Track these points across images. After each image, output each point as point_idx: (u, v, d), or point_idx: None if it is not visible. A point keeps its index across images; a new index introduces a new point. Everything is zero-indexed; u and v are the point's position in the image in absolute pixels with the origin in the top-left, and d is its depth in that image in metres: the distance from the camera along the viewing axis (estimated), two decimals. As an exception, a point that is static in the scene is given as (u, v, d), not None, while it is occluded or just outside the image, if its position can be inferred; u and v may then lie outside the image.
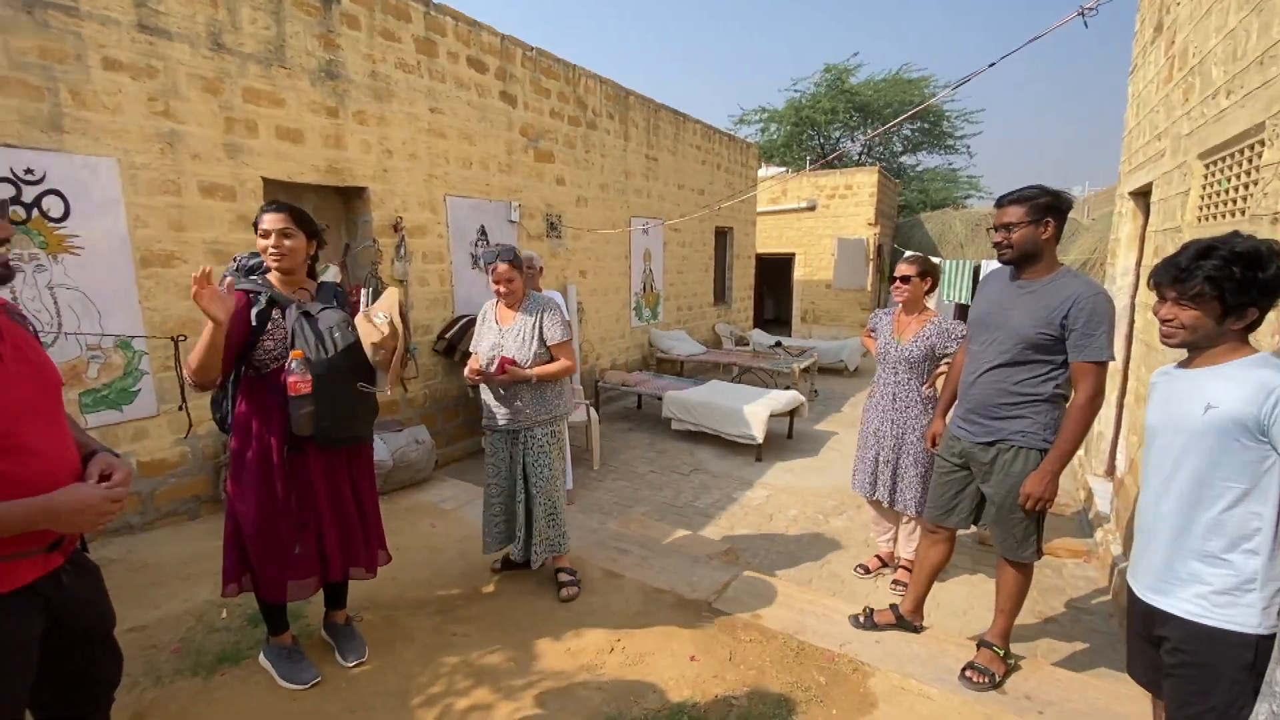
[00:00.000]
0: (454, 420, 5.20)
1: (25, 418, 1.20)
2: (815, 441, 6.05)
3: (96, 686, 1.47)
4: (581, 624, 2.62)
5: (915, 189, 19.19)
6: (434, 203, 4.84)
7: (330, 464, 2.19)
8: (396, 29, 4.45)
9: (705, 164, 8.83)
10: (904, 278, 3.03)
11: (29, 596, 1.22)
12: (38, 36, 2.92)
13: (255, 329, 2.03)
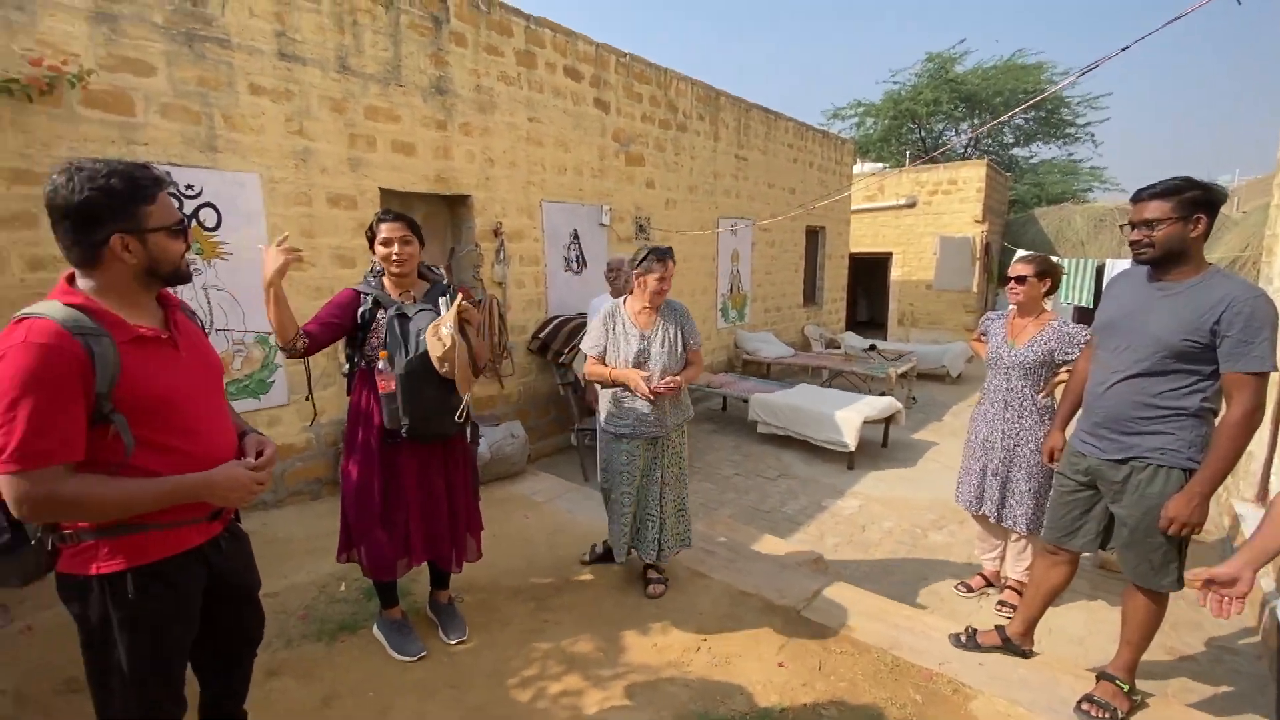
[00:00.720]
0: (546, 416, 5.39)
1: (195, 402, 1.38)
2: (913, 451, 5.76)
3: (244, 641, 1.66)
4: (668, 621, 2.65)
5: (1028, 182, 17.78)
6: (531, 208, 5.05)
7: (424, 457, 2.31)
8: (499, 44, 4.68)
9: (797, 162, 8.64)
10: (1019, 278, 2.83)
11: (195, 558, 1.41)
12: (197, 67, 3.33)
13: (362, 326, 2.22)
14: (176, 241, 1.36)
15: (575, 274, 5.46)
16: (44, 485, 1.16)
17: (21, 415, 1.13)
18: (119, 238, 1.26)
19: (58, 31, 2.88)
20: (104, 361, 1.20)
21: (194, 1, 3.26)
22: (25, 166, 2.86)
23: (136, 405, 1.26)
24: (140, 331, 1.30)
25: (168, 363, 1.35)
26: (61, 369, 1.16)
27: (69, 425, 1.18)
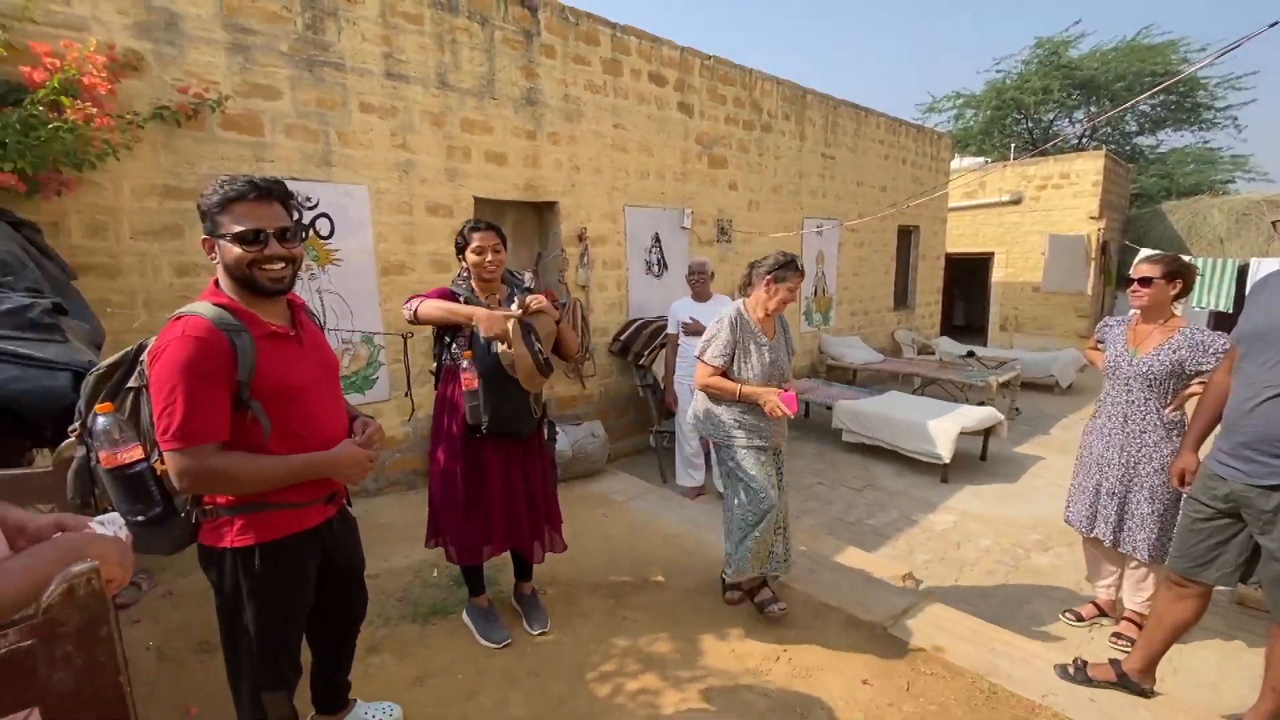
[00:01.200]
0: (625, 417, 5.46)
1: (316, 393, 1.54)
2: (1015, 465, 5.37)
3: (351, 618, 1.81)
4: (745, 629, 2.61)
5: (1155, 174, 16.09)
6: (614, 213, 5.14)
7: (505, 451, 2.41)
8: (586, 53, 4.80)
9: (888, 159, 8.28)
10: (1144, 279, 2.57)
11: (313, 537, 1.56)
12: (316, 90, 3.64)
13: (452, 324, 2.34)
14: (244, 249, 1.39)
15: (656, 277, 5.51)
16: (199, 460, 1.33)
17: (180, 399, 1.30)
18: (206, 240, 1.44)
19: (201, 62, 3.24)
20: (245, 354, 1.36)
21: (314, 30, 3.57)
22: (174, 184, 3.24)
23: (269, 394, 1.41)
24: (272, 328, 1.46)
25: (294, 357, 1.50)
26: (211, 360, 1.33)
27: (218, 409, 1.34)
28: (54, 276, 2.44)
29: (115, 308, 3.10)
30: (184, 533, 1.45)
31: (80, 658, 0.85)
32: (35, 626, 0.80)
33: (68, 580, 0.83)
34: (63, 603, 0.82)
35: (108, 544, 0.96)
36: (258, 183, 1.42)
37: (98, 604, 0.85)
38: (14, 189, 2.50)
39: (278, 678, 1.60)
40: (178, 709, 2.14)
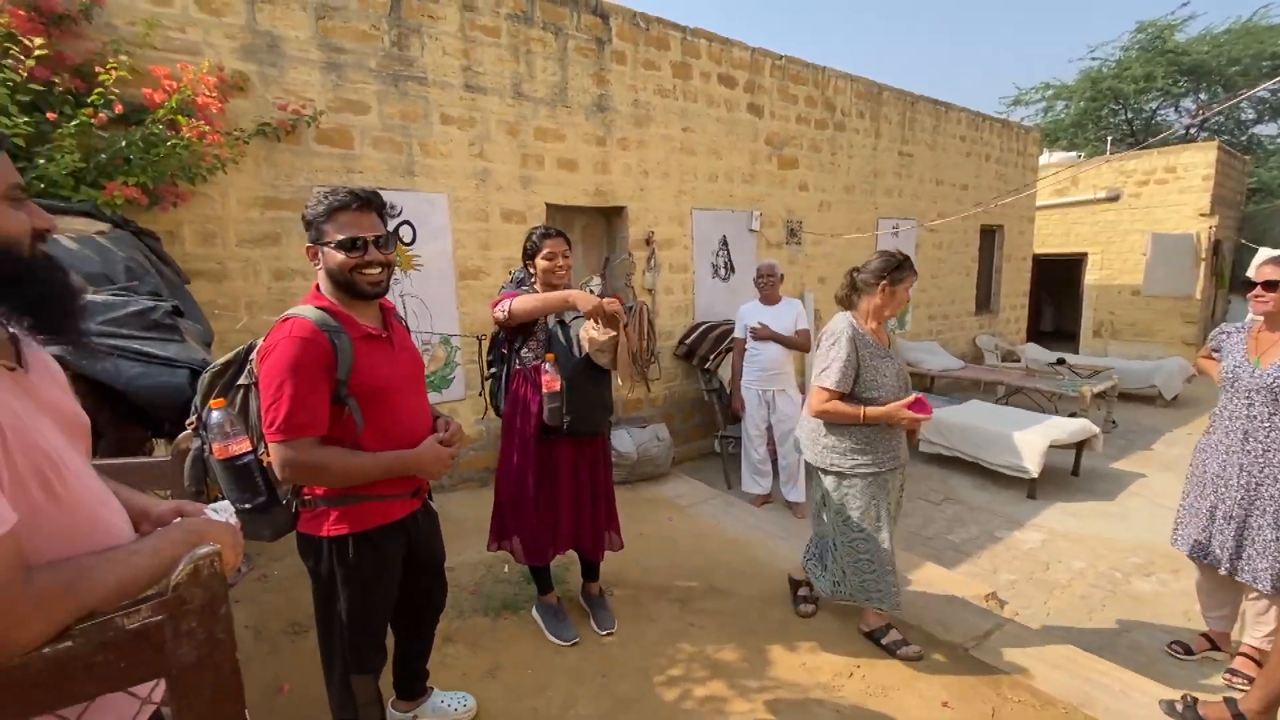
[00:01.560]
0: (690, 421, 5.44)
1: (405, 392, 1.63)
2: (1111, 482, 4.99)
3: (432, 608, 1.90)
4: (817, 642, 2.54)
5: (1275, 166, 14.59)
6: (681, 216, 5.14)
7: (576, 452, 2.48)
8: (656, 58, 4.83)
9: (970, 156, 7.89)
10: (1270, 283, 2.33)
11: (399, 529, 1.65)
12: (401, 103, 3.82)
13: (525, 328, 2.42)
14: (346, 255, 1.49)
15: (723, 280, 5.46)
16: (300, 453, 1.43)
17: (286, 395, 1.40)
18: (310, 247, 1.55)
19: (299, 81, 3.47)
20: (344, 354, 1.46)
21: (399, 46, 3.76)
22: (274, 195, 3.48)
23: (363, 392, 1.51)
24: (368, 330, 1.56)
25: (386, 357, 1.59)
26: (315, 359, 1.43)
27: (318, 405, 1.44)
28: (171, 281, 2.67)
29: (221, 310, 3.36)
30: (285, 521, 1.56)
31: (202, 633, 0.91)
32: (165, 603, 0.87)
33: (194, 561, 0.89)
34: (189, 582, 0.89)
35: (223, 529, 1.04)
36: (358, 193, 1.52)
37: (219, 584, 0.92)
38: (137, 201, 2.75)
39: (365, 661, 1.69)
40: (271, 686, 2.29)
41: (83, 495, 0.94)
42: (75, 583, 0.83)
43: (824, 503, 2.54)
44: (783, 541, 3.56)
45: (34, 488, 0.86)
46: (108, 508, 0.99)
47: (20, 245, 0.88)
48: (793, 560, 3.29)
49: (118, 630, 0.85)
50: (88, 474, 0.99)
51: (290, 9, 3.41)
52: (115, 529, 0.99)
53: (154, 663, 0.88)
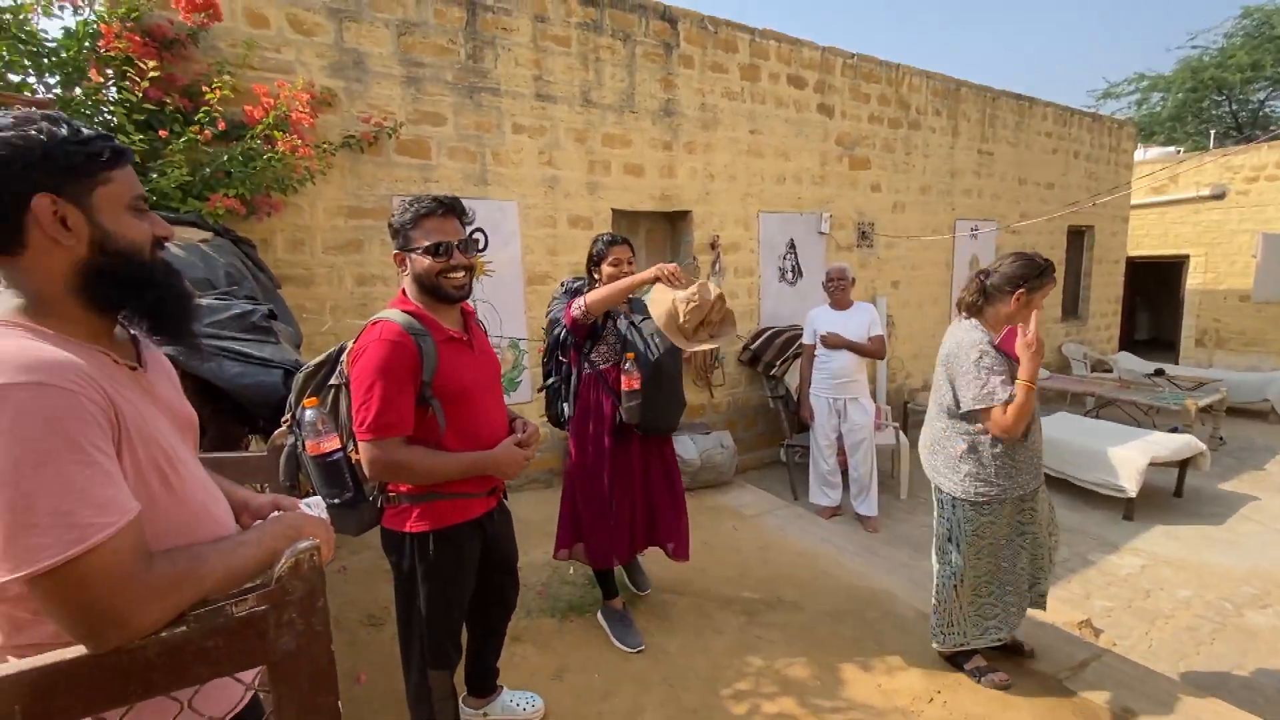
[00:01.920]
0: (753, 429, 5.34)
1: (484, 394, 1.67)
2: (1220, 505, 4.56)
3: (504, 606, 1.93)
4: (893, 662, 2.43)
5: None
6: (747, 219, 5.06)
7: (648, 451, 2.54)
8: (724, 61, 4.79)
9: (1057, 153, 7.43)
10: None
11: (475, 528, 1.69)
12: (475, 114, 3.94)
13: (593, 332, 2.45)
14: (433, 260, 1.56)
15: (790, 285, 5.34)
16: (387, 452, 1.49)
17: (376, 396, 1.46)
18: (397, 254, 1.60)
19: (382, 95, 3.63)
20: (429, 356, 1.51)
21: (474, 59, 3.88)
22: (357, 204, 3.65)
23: (446, 393, 1.55)
24: (450, 333, 1.60)
25: (467, 360, 1.64)
26: (402, 361, 1.48)
27: (405, 406, 1.49)
28: (265, 286, 2.83)
29: (309, 313, 3.54)
30: (371, 516, 1.62)
31: (301, 624, 0.95)
32: (269, 594, 0.91)
33: (295, 555, 0.93)
34: (291, 574, 0.93)
35: (318, 524, 1.08)
36: (442, 200, 1.58)
37: (317, 577, 0.95)
38: (236, 211, 2.94)
39: (442, 656, 1.73)
40: (349, 675, 2.38)
41: (193, 488, 1.00)
42: (191, 570, 0.88)
43: (956, 536, 2.25)
44: (853, 556, 3.43)
45: (153, 480, 0.92)
46: (214, 500, 1.05)
47: (143, 252, 0.94)
48: (864, 574, 3.17)
49: (227, 618, 0.88)
50: (197, 468, 1.05)
51: (375, 27, 3.57)
52: (221, 520, 1.04)
53: (258, 650, 0.92)
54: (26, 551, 0.75)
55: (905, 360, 6.29)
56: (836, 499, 4.17)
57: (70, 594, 0.78)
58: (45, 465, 0.76)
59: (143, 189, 0.95)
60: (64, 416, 0.78)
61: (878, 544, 3.74)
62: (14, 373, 0.76)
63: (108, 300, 0.91)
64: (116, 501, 0.81)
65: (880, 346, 3.91)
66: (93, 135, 0.90)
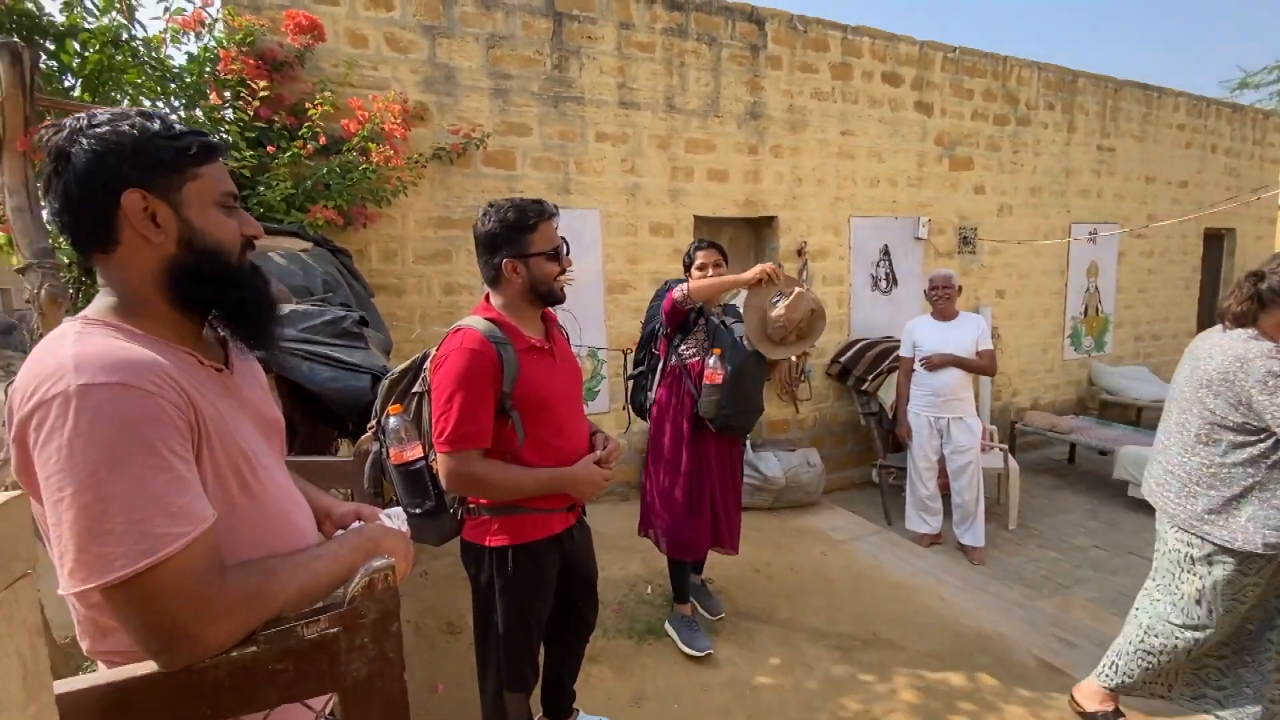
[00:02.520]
0: (842, 447, 5.04)
1: (565, 404, 1.59)
2: None
3: (583, 625, 1.84)
4: (1011, 716, 2.13)
5: None
6: (837, 225, 4.81)
7: (723, 449, 2.56)
8: (814, 60, 4.58)
9: (1190, 147, 6.66)
10: None
11: (554, 544, 1.61)
12: (559, 124, 3.95)
13: (683, 326, 2.55)
14: (552, 264, 1.56)
15: (883, 293, 5.02)
16: (464, 465, 1.43)
17: (455, 406, 1.41)
18: (508, 261, 1.52)
19: (470, 107, 3.70)
20: (509, 366, 1.45)
21: (560, 68, 3.89)
22: (445, 215, 3.73)
23: (525, 404, 1.49)
24: (532, 342, 1.54)
25: (548, 369, 1.57)
26: (483, 370, 1.43)
27: (484, 417, 1.44)
28: (359, 294, 2.91)
29: (399, 321, 3.63)
30: (451, 528, 1.58)
31: (374, 649, 0.87)
32: (341, 615, 0.84)
33: (369, 574, 0.86)
34: (364, 595, 0.86)
35: (397, 538, 1.01)
36: (545, 205, 1.55)
37: (391, 599, 0.88)
38: (334, 222, 3.05)
39: (519, 677, 1.65)
40: (427, 683, 2.36)
41: (275, 493, 0.95)
42: (264, 585, 0.82)
43: (1210, 599, 1.85)
44: (958, 591, 3.11)
45: (232, 484, 0.87)
46: (296, 506, 1.00)
47: (231, 251, 0.91)
48: (972, 613, 2.85)
49: (298, 639, 0.82)
50: (280, 473, 1.01)
51: (465, 41, 3.65)
52: (301, 528, 0.99)
53: (329, 675, 0.85)
54: (100, 560, 0.71)
55: (1012, 377, 5.76)
56: (936, 526, 3.82)
57: (142, 607, 0.73)
58: (122, 470, 0.72)
59: (233, 186, 0.92)
60: (142, 419, 0.74)
61: (985, 578, 3.38)
62: (95, 372, 0.73)
63: (193, 298, 0.89)
64: (192, 510, 0.76)
65: (991, 362, 3.56)
66: (184, 130, 0.87)
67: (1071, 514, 4.49)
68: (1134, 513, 4.43)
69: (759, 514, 4.10)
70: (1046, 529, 4.24)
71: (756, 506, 4.13)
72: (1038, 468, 5.48)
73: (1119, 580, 3.55)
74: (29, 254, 1.93)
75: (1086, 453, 5.45)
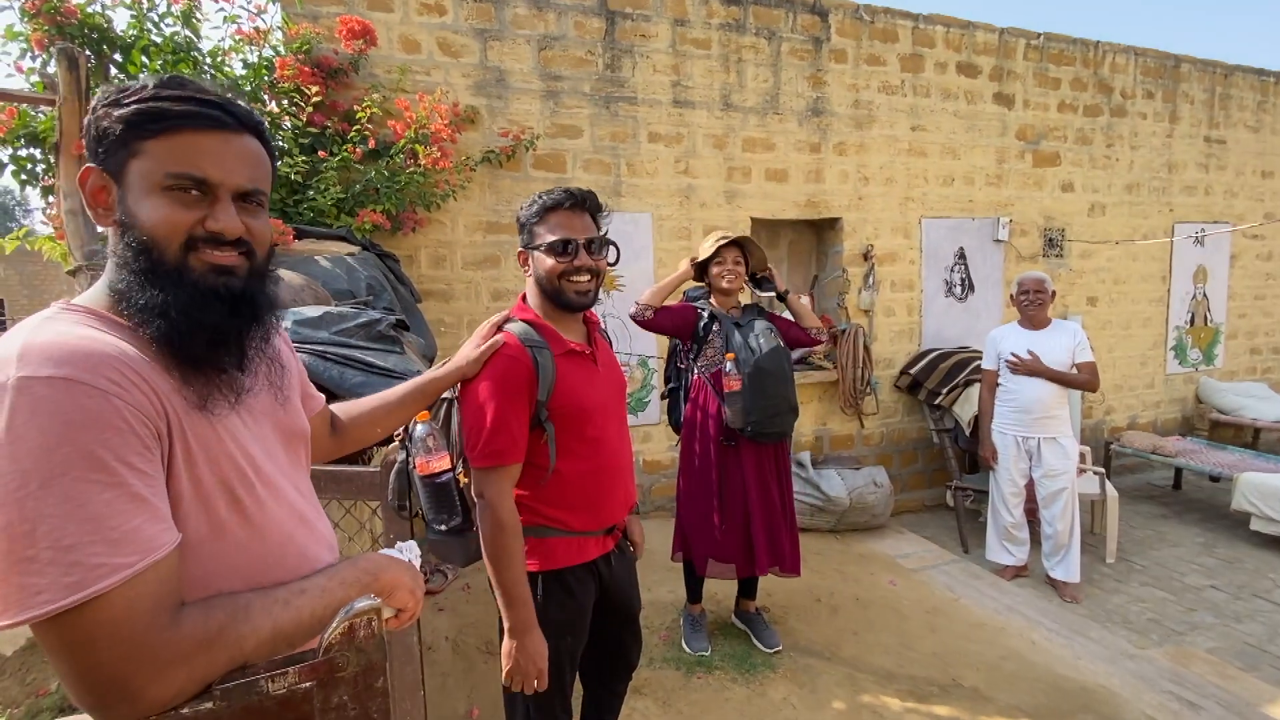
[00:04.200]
0: (911, 465, 4.67)
1: (606, 413, 1.44)
2: None
3: (625, 664, 1.66)
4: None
5: None
6: (907, 227, 4.48)
7: (759, 460, 2.44)
8: (882, 52, 4.31)
9: (1316, 138, 5.93)
10: None
11: (591, 570, 1.45)
12: (611, 125, 3.83)
13: (700, 337, 2.47)
14: (554, 258, 1.37)
15: (958, 300, 4.64)
16: (497, 488, 1.31)
17: (488, 417, 1.28)
18: (521, 253, 1.44)
19: (521, 110, 3.63)
20: (545, 372, 1.31)
21: (612, 68, 3.78)
22: (494, 219, 3.66)
23: (563, 414, 1.35)
24: (571, 346, 1.40)
25: (589, 376, 1.43)
26: (517, 376, 1.30)
27: (519, 429, 1.30)
28: (405, 299, 2.85)
29: (447, 327, 3.58)
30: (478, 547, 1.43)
31: (355, 709, 0.73)
32: (314, 667, 0.70)
33: (348, 618, 0.71)
34: (342, 643, 0.71)
35: (403, 571, 0.86)
36: (573, 192, 1.40)
37: (376, 650, 0.73)
38: (382, 227, 3.02)
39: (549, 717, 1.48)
40: (463, 706, 2.23)
41: (280, 516, 0.81)
42: (230, 627, 0.68)
43: None
44: (1052, 634, 2.76)
45: (219, 505, 0.74)
46: (307, 530, 0.86)
47: (163, 246, 0.74)
48: (1070, 661, 2.50)
49: (261, 695, 0.68)
50: (296, 491, 0.87)
51: (516, 44, 3.59)
52: (313, 555, 0.85)
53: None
54: (20, 592, 0.58)
55: (1106, 393, 5.22)
56: (1022, 557, 3.43)
57: (71, 653, 0.60)
58: (55, 484, 0.59)
59: (207, 169, 0.74)
60: (87, 422, 0.61)
61: (1082, 620, 3.00)
62: (39, 364, 0.61)
63: (122, 298, 0.72)
64: (140, 535, 0.63)
65: (1094, 376, 3.17)
66: (146, 94, 0.72)
67: (1181, 547, 3.97)
68: (1259, 549, 3.88)
69: (819, 536, 3.81)
70: (1151, 564, 3.76)
71: (817, 528, 3.85)
72: (1136, 494, 4.93)
73: (1245, 629, 3.08)
74: (79, 256, 1.94)
75: (1194, 478, 4.87)
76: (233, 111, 0.77)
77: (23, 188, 2.72)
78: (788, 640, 2.63)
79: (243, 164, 0.77)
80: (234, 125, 0.77)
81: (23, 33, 2.56)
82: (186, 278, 0.73)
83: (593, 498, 1.43)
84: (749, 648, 2.59)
